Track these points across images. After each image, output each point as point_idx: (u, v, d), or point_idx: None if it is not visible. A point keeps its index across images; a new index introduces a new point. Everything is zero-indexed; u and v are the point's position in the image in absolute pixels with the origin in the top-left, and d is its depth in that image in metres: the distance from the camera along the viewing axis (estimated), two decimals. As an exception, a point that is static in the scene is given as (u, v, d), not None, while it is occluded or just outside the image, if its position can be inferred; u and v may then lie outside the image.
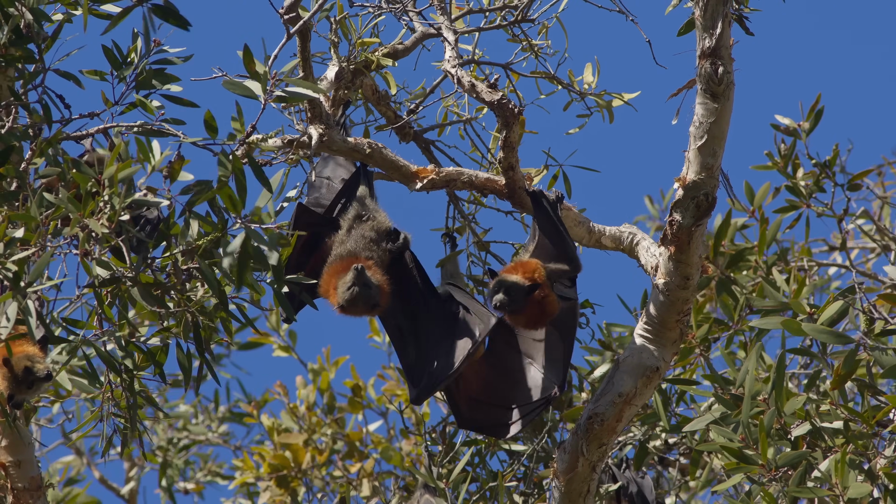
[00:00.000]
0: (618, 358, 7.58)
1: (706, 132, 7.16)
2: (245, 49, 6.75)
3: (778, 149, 8.65)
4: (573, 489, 7.48)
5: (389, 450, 10.09)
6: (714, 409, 7.09)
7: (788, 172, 8.65)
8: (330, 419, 10.22)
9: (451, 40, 7.73)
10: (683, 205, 7.25)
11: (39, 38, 7.04)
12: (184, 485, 11.37)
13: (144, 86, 7.10)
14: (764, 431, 6.74)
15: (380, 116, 8.26)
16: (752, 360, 7.08)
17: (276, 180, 6.82)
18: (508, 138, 7.60)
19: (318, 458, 10.12)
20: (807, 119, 8.62)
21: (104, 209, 6.70)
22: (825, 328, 7.03)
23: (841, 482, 6.65)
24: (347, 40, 7.94)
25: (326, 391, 10.33)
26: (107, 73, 7.11)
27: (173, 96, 7.09)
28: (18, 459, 7.39)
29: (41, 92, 7.05)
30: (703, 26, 7.06)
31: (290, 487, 10.10)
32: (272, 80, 6.69)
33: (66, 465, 11.53)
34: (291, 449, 10.12)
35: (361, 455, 10.18)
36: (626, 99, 8.24)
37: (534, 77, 8.21)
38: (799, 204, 8.68)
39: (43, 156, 6.96)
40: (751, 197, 8.70)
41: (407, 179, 7.78)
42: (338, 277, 7.67)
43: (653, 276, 7.47)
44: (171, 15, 7.09)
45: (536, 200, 7.71)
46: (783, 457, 6.77)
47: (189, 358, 7.10)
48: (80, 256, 6.74)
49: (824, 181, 8.68)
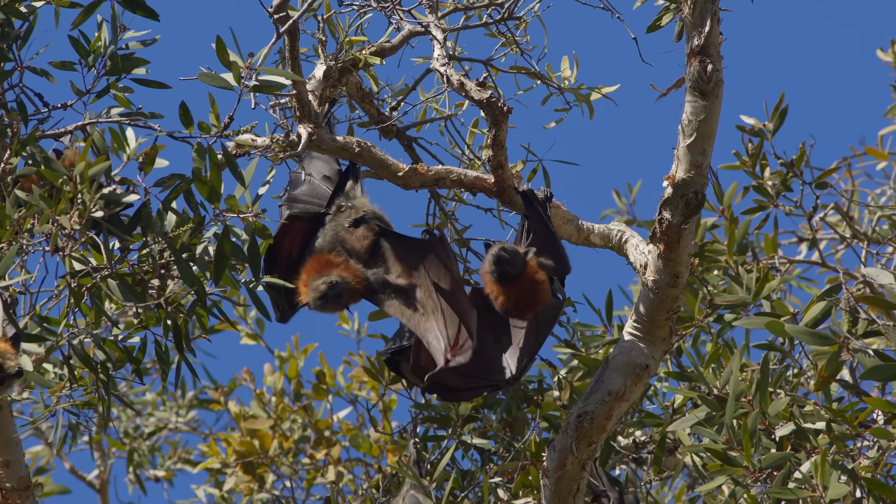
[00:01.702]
0: (608, 356, 7.59)
1: (695, 130, 7.16)
2: (217, 40, 6.69)
3: (745, 148, 8.68)
4: (563, 487, 7.49)
5: (358, 437, 10.08)
6: (699, 410, 7.11)
7: (756, 173, 8.69)
8: (298, 406, 10.20)
9: (440, 38, 7.68)
10: (673, 203, 7.26)
11: (11, 36, 6.97)
12: (153, 472, 11.31)
13: (114, 72, 7.05)
14: (748, 433, 6.77)
15: (363, 114, 8.21)
16: (736, 360, 7.11)
17: (249, 171, 6.79)
18: (497, 137, 7.56)
19: (285, 444, 10.09)
20: (771, 119, 8.67)
21: (76, 205, 6.64)
22: (808, 329, 7.07)
23: (821, 483, 6.69)
24: (335, 38, 7.87)
25: (294, 378, 10.31)
26: (76, 63, 7.05)
27: (144, 79, 7.05)
28: (7, 459, 7.29)
29: (19, 91, 6.97)
30: (692, 24, 7.05)
31: (257, 474, 10.08)
32: (245, 69, 6.65)
33: (35, 455, 11.41)
34: (258, 436, 10.10)
35: (330, 442, 10.16)
36: (605, 92, 8.23)
37: (513, 73, 8.17)
38: (766, 204, 8.72)
39: (19, 155, 6.89)
40: (720, 196, 8.74)
41: (395, 178, 7.75)
42: (309, 276, 7.79)
43: (642, 273, 7.48)
44: (138, 6, 7.02)
45: (527, 199, 7.69)
46: (767, 458, 6.81)
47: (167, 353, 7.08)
48: (49, 253, 6.69)
49: (792, 180, 8.73)
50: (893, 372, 6.80)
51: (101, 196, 6.70)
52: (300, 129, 7.58)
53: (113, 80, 7.07)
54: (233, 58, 6.72)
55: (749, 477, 6.82)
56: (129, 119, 6.97)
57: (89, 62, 7.02)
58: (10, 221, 6.69)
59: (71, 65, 7.05)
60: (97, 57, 7.04)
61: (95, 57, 7.03)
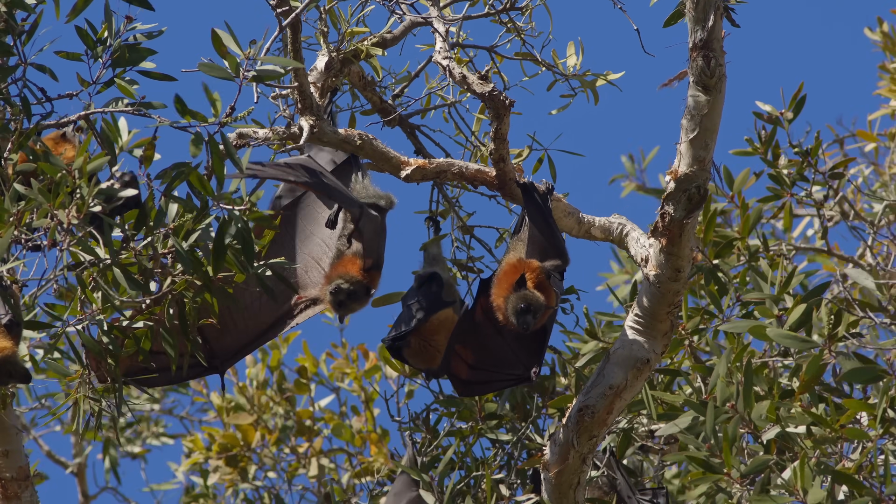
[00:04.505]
0: (609, 350, 7.59)
1: (698, 125, 7.13)
2: (213, 34, 6.68)
3: (758, 135, 8.63)
4: (563, 481, 7.51)
5: (341, 426, 10.11)
6: (686, 415, 7.11)
7: (769, 160, 8.64)
8: (280, 398, 10.22)
9: (442, 31, 7.65)
10: (675, 197, 7.24)
11: (16, 31, 6.96)
12: (129, 448, 11.34)
13: (119, 63, 7.04)
14: (728, 441, 6.77)
15: (366, 102, 8.19)
16: (722, 365, 7.11)
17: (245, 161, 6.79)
18: (499, 130, 7.53)
19: (268, 437, 10.12)
20: (789, 107, 8.61)
21: (74, 200, 6.65)
22: (789, 333, 7.09)
23: (801, 487, 6.70)
24: (336, 29, 7.85)
25: (276, 369, 10.33)
26: (82, 54, 7.04)
27: (149, 72, 7.04)
28: (6, 449, 7.35)
29: (21, 86, 6.98)
30: (695, 19, 7.01)
31: (240, 466, 10.12)
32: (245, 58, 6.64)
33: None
34: (241, 429, 10.14)
35: (312, 433, 10.19)
36: (610, 79, 8.19)
37: (518, 59, 8.14)
38: (782, 192, 8.68)
39: (21, 150, 6.90)
40: (730, 182, 8.70)
41: (397, 170, 7.74)
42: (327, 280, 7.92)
43: (643, 267, 7.47)
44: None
45: (527, 192, 7.67)
46: (750, 465, 6.81)
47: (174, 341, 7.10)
48: (48, 247, 6.71)
49: (806, 168, 8.68)
50: (873, 374, 6.80)
51: (99, 191, 6.71)
52: (302, 121, 7.57)
53: (119, 72, 7.07)
54: (231, 47, 6.70)
55: (731, 484, 6.83)
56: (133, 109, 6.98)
57: (96, 53, 7.01)
58: (8, 215, 6.70)
59: (77, 55, 7.05)
60: (104, 48, 7.03)
61: (102, 48, 7.02)
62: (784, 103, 8.63)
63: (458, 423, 8.37)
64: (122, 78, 7.06)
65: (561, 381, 8.49)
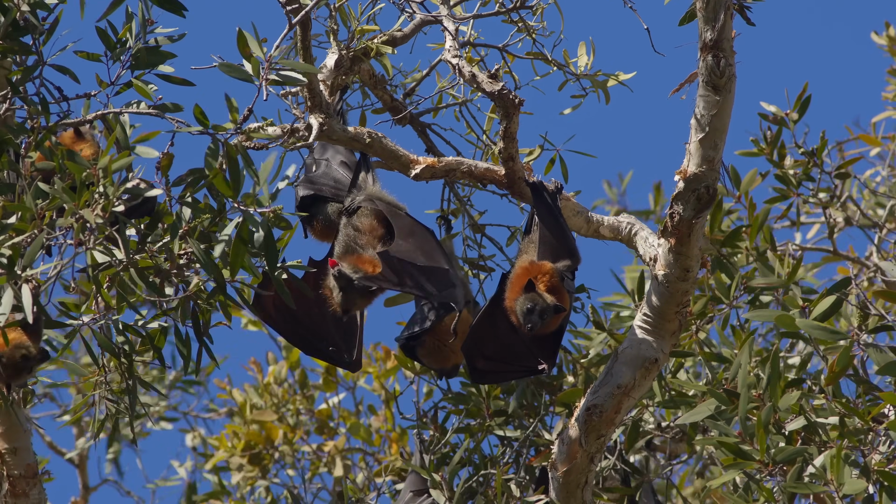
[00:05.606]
0: (617, 349, 7.61)
1: (707, 125, 7.14)
2: (239, 32, 6.70)
3: (764, 135, 8.65)
4: (571, 480, 7.53)
5: (358, 426, 10.13)
6: (709, 402, 7.11)
7: (775, 160, 8.66)
8: (301, 396, 10.25)
9: (452, 30, 7.68)
10: (684, 197, 7.25)
11: (37, 31, 6.99)
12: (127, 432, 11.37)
13: (139, 66, 7.07)
14: (762, 427, 6.77)
15: (376, 100, 8.22)
16: (744, 353, 7.12)
17: (268, 165, 6.81)
18: (509, 129, 7.56)
19: (289, 434, 10.15)
20: (794, 108, 8.62)
21: (99, 199, 6.68)
22: (818, 324, 7.06)
23: (836, 478, 6.70)
24: (346, 27, 7.88)
25: (297, 367, 10.36)
26: (101, 55, 7.07)
27: (168, 76, 7.06)
28: (15, 447, 7.39)
29: (39, 84, 7.00)
30: (705, 18, 7.02)
31: (262, 464, 10.15)
32: (266, 62, 6.65)
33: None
34: (265, 427, 10.17)
35: (332, 431, 10.22)
36: (622, 79, 8.21)
37: (529, 59, 8.16)
38: (788, 192, 8.70)
39: (38, 149, 6.93)
40: (736, 182, 8.71)
41: (406, 169, 7.77)
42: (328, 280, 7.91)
43: (651, 266, 7.49)
44: (166, 1, 7.03)
45: (537, 192, 7.69)
46: (780, 452, 6.81)
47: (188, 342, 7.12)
48: (74, 246, 6.74)
49: (811, 168, 8.69)
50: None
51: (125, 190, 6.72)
52: (311, 119, 7.60)
53: (139, 74, 7.08)
54: (254, 50, 6.72)
55: (763, 471, 6.83)
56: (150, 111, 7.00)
57: (115, 54, 7.03)
58: (30, 214, 6.73)
59: (97, 56, 7.07)
60: (123, 50, 7.05)
61: (122, 50, 7.05)
62: (789, 104, 8.64)
63: (466, 420, 8.40)
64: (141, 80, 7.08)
65: (568, 379, 8.53)
